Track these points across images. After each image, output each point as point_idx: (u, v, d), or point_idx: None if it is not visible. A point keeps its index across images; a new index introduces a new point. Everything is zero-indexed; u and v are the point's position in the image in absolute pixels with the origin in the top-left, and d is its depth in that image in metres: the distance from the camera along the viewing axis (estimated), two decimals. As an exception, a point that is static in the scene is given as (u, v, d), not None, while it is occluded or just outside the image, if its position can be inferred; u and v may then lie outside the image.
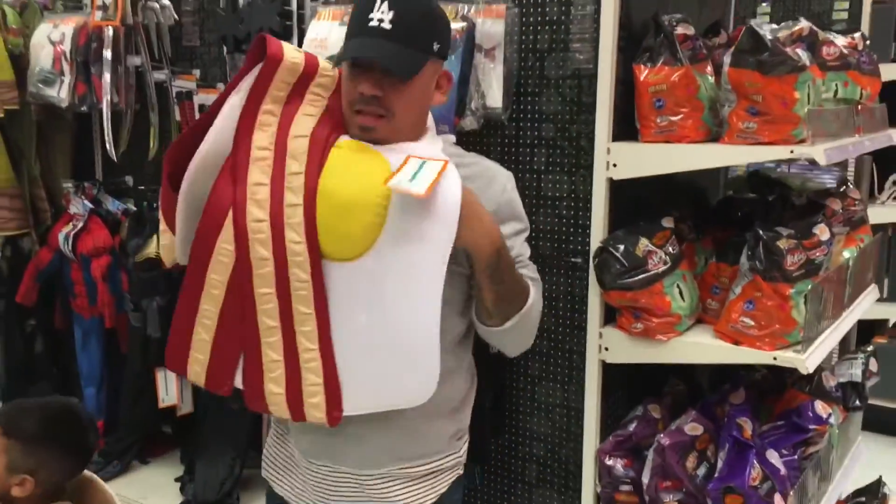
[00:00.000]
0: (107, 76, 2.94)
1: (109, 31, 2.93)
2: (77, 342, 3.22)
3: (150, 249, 2.90)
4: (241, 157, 1.43)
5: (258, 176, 1.43)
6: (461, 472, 1.64)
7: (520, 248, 1.62)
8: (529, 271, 1.63)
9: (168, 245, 1.57)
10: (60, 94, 3.03)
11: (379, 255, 1.39)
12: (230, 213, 1.42)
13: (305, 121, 1.46)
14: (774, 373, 2.22)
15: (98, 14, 2.97)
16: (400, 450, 1.56)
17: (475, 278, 1.48)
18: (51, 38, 3.05)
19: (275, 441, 1.64)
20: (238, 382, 1.48)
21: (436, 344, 1.42)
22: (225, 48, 2.82)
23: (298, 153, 1.43)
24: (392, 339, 1.41)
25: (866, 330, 3.59)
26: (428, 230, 1.38)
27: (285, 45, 1.48)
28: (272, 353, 1.43)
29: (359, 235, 1.39)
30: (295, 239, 1.40)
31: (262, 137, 1.44)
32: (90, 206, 3.16)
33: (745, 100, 1.79)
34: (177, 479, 2.95)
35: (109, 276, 3.06)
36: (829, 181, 2.59)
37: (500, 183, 1.61)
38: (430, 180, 1.36)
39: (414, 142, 1.50)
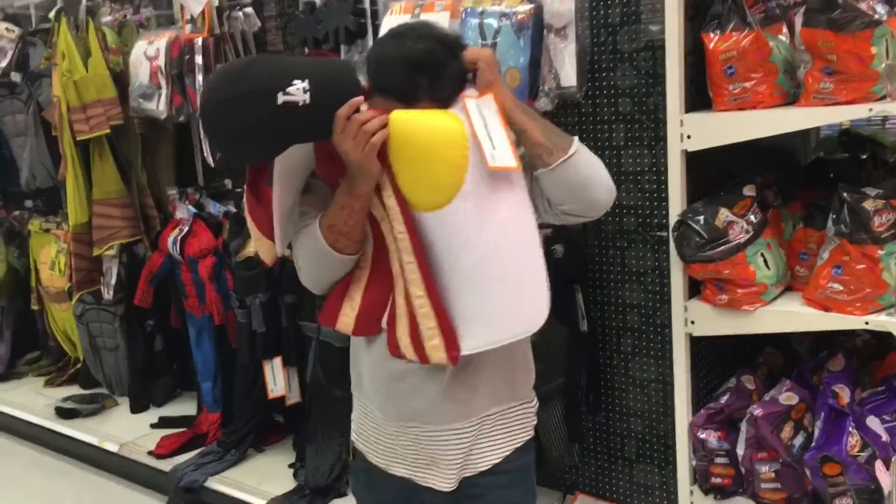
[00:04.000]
0: (200, 86, 3.08)
1: (199, 42, 3.06)
2: (192, 339, 3.41)
3: (250, 249, 3.03)
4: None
5: None
6: (532, 433, 1.66)
7: None
8: None
9: (266, 249, 1.64)
10: (159, 106, 3.20)
11: (467, 197, 1.43)
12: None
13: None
14: (878, 337, 2.14)
15: (188, 27, 3.12)
16: (493, 393, 1.61)
17: (515, 124, 1.49)
18: (147, 53, 3.23)
19: (360, 413, 1.71)
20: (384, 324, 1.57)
21: (541, 263, 1.45)
22: (306, 49, 2.91)
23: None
24: (498, 272, 1.45)
25: None
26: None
27: None
28: (400, 301, 1.51)
29: (445, 183, 1.44)
30: (388, 194, 1.46)
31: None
32: (194, 210, 3.33)
33: (819, 60, 1.73)
34: (290, 466, 3.09)
35: (216, 275, 3.21)
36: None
37: None
38: (509, 145, 1.43)
39: None
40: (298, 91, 1.39)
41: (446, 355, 1.48)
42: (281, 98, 1.37)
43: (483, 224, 1.44)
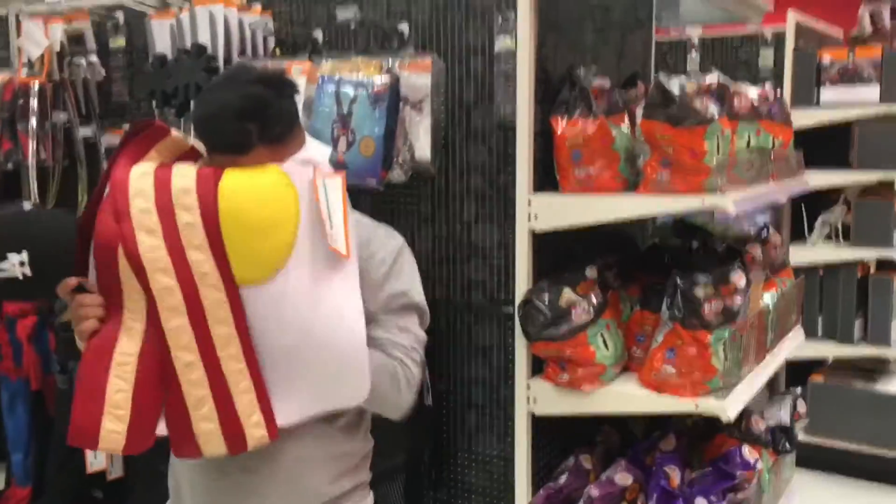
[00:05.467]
0: (32, 132, 2.90)
1: (35, 87, 2.90)
2: (3, 405, 3.11)
3: (78, 308, 2.83)
4: (118, 194, 1.37)
5: (141, 203, 1.36)
6: None
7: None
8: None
9: None
10: (-15, 151, 2.97)
11: (289, 275, 1.37)
12: (120, 251, 1.35)
13: (187, 166, 1.44)
14: (706, 419, 2.23)
15: (24, 70, 2.95)
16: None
17: None
18: (-26, 95, 3.00)
19: None
20: (161, 430, 1.39)
21: (363, 342, 1.41)
22: (154, 102, 2.80)
23: (185, 175, 1.38)
24: (319, 351, 1.39)
25: (804, 369, 3.64)
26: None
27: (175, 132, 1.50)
28: (196, 391, 1.35)
29: (268, 257, 1.37)
30: (200, 259, 1.34)
31: (140, 177, 1.39)
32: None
33: (657, 151, 1.82)
34: (108, 547, 2.85)
35: (35, 336, 2.98)
36: (758, 225, 2.63)
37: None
38: (344, 231, 1.39)
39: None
40: (14, 266, 1.36)
41: (266, 430, 1.38)
42: None
43: (305, 304, 1.38)
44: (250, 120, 1.40)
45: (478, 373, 2.50)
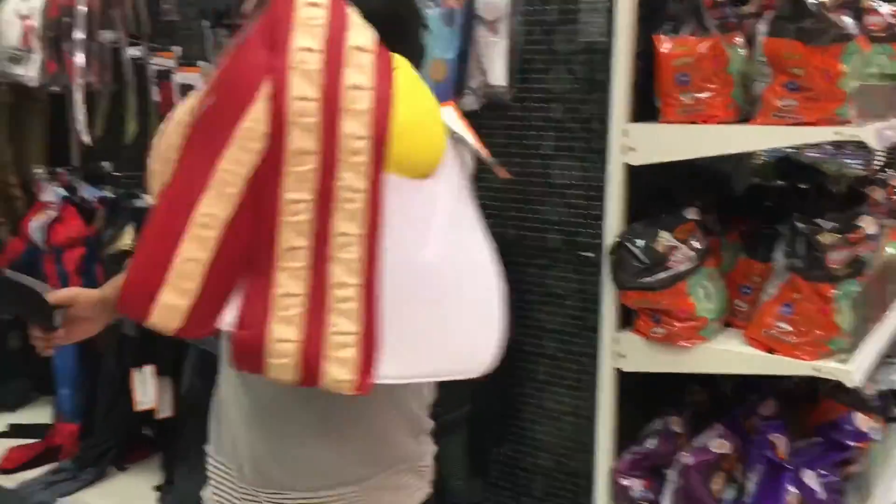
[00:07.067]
0: (79, 53, 2.73)
1: (82, 4, 2.72)
2: (52, 339, 3.03)
3: (126, 240, 2.70)
4: (279, 22, 1.06)
5: (307, 40, 1.06)
6: (430, 490, 1.39)
7: None
8: None
9: None
10: (30, 72, 2.83)
11: (439, 183, 1.10)
12: (263, 87, 1.05)
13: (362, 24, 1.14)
14: (807, 379, 2.00)
15: (70, -14, 2.77)
16: (359, 458, 1.31)
17: None
18: (19, 12, 2.85)
19: (217, 479, 1.42)
20: (226, 322, 1.08)
21: (499, 300, 1.13)
22: (206, 23, 2.60)
23: (361, 31, 1.09)
24: (461, 285, 1.10)
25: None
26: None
27: None
28: (290, 285, 1.06)
29: (428, 151, 1.10)
30: (356, 132, 1.05)
31: (308, 6, 1.08)
32: (64, 193, 2.96)
33: (783, 74, 1.57)
34: (156, 488, 2.75)
35: (83, 268, 2.86)
36: (855, 167, 2.37)
37: None
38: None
39: None
40: None
41: (356, 379, 1.05)
42: None
43: (462, 219, 1.11)
44: (384, 26, 1.14)
45: (550, 321, 2.31)
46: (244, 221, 1.06)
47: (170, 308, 1.06)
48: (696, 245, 1.73)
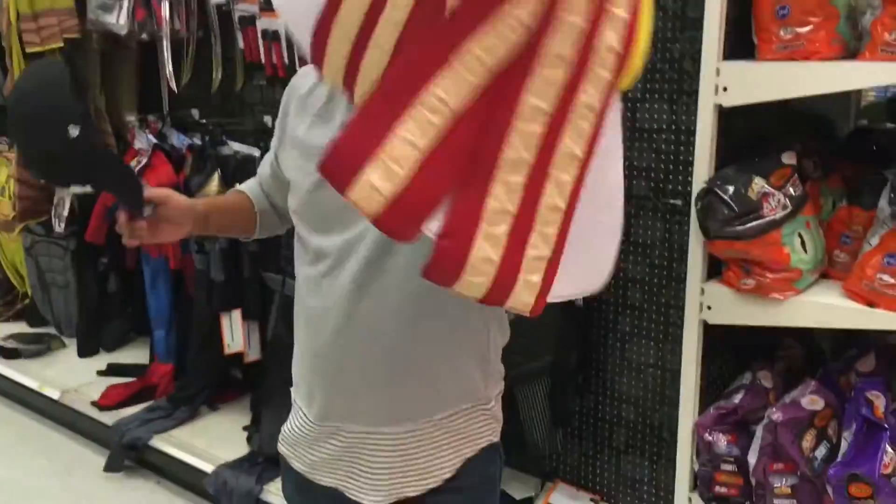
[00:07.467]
0: (166, 1, 2.75)
1: (168, -49, 2.74)
2: (146, 282, 3.12)
3: (212, 187, 2.74)
4: None
5: None
6: (495, 439, 1.36)
7: None
8: None
9: None
10: (119, 20, 2.86)
11: (617, 102, 1.01)
12: None
13: None
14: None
15: (156, -68, 2.78)
16: (437, 391, 1.29)
17: None
18: (109, -39, 2.88)
19: (291, 415, 1.43)
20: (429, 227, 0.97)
21: (621, 220, 1.07)
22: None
23: None
24: (605, 201, 1.03)
25: None
26: None
27: None
28: (504, 200, 0.96)
29: (636, 61, 0.98)
30: (613, 45, 0.94)
31: None
32: (155, 140, 3.01)
33: (892, 4, 1.43)
34: (244, 429, 2.83)
35: (173, 215, 2.91)
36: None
37: None
38: None
39: None
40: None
41: (535, 301, 0.98)
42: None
43: (612, 135, 1.01)
44: None
45: (635, 271, 2.24)
46: (474, 120, 0.94)
47: (372, 189, 0.93)
48: (793, 192, 1.62)
